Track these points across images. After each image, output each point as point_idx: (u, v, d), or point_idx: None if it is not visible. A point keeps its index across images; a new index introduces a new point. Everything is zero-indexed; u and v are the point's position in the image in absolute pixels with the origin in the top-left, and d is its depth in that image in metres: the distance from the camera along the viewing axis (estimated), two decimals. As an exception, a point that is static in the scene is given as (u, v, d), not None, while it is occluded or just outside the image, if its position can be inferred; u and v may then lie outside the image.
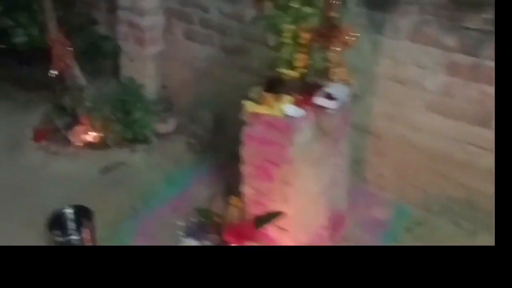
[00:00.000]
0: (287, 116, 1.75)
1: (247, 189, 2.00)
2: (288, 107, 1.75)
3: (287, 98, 1.78)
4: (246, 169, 1.97)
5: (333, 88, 1.84)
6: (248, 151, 1.91)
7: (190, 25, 2.70)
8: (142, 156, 2.64)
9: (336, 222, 2.11)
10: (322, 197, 1.97)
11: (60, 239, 1.98)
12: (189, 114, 2.85)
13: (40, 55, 2.56)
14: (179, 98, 2.88)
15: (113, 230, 2.13)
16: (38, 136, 2.71)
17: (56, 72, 2.58)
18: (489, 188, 2.01)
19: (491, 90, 1.85)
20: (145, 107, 2.59)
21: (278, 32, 1.69)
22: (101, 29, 2.94)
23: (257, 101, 1.80)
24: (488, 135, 1.93)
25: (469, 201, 2.12)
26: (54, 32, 2.41)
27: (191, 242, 2.04)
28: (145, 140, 2.67)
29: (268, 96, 1.77)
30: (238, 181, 2.25)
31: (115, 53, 2.89)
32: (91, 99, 2.62)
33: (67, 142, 2.67)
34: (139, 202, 2.32)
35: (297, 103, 1.76)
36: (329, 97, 1.81)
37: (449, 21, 1.84)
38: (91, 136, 2.66)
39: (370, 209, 2.29)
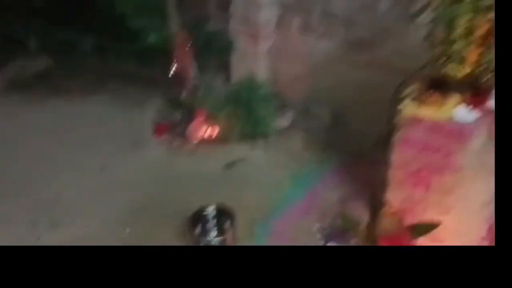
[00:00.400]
0: (456, 119, 1.61)
1: (393, 196, 1.89)
2: (459, 109, 1.61)
3: (456, 98, 1.63)
4: (395, 175, 1.86)
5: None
6: (401, 156, 1.79)
7: (307, 18, 2.60)
8: (261, 152, 2.60)
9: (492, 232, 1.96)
10: (486, 208, 1.82)
11: (203, 239, 1.98)
12: (304, 109, 2.78)
13: (158, 54, 2.58)
14: (292, 93, 2.81)
15: (249, 232, 2.12)
16: (159, 131, 2.75)
17: (175, 70, 2.59)
18: None
19: None
20: (269, 105, 2.55)
21: (451, 24, 1.55)
22: (213, 26, 2.91)
23: (419, 101, 1.67)
24: None
25: None
26: (179, 32, 2.41)
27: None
28: (264, 136, 2.63)
29: (435, 96, 1.64)
30: (369, 184, 2.20)
31: (228, 50, 2.85)
32: (212, 96, 2.62)
33: (186, 137, 2.68)
34: (268, 201, 2.29)
35: (468, 105, 1.62)
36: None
37: None
38: (210, 131, 2.65)
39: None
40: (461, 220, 1.78)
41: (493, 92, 1.61)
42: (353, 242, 1.95)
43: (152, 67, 2.72)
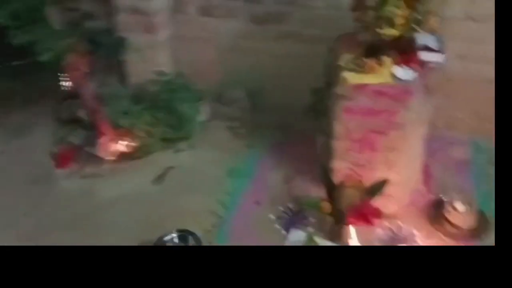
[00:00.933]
0: (397, 80, 1.63)
1: (340, 164, 1.90)
2: (397, 70, 1.63)
3: (390, 60, 1.65)
4: (340, 144, 1.86)
5: (427, 39, 1.73)
6: (346, 125, 1.80)
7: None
8: (190, 154, 2.41)
9: (425, 175, 2.09)
10: (419, 158, 1.92)
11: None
12: (221, 96, 2.63)
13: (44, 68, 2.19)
14: (204, 81, 2.63)
15: (209, 237, 1.96)
16: (61, 161, 2.37)
17: (69, 83, 2.23)
18: None
19: None
20: (191, 100, 2.33)
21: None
22: (98, 24, 2.55)
23: (358, 70, 1.66)
24: None
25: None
26: (68, 40, 2.05)
27: (297, 233, 1.93)
28: (186, 136, 2.42)
29: (371, 62, 1.63)
30: (308, 158, 2.18)
31: (119, 47, 2.54)
32: (117, 104, 2.31)
33: (96, 159, 2.35)
34: (215, 202, 2.13)
35: (403, 64, 1.64)
36: (428, 49, 1.71)
37: None
38: (122, 145, 2.36)
39: (450, 152, 2.29)
40: (402, 173, 1.89)
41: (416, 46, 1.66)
42: (313, 223, 1.92)
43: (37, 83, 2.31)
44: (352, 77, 1.65)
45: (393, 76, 1.63)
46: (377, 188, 1.84)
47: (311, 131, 2.28)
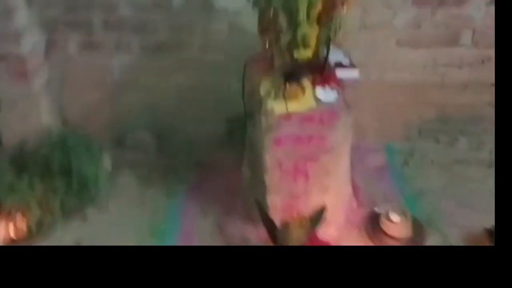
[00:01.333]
0: (321, 103, 1.56)
1: (275, 198, 1.78)
2: (319, 93, 1.56)
3: (309, 83, 1.58)
4: (272, 178, 1.74)
5: (337, 55, 1.70)
6: (276, 157, 1.68)
7: (88, 33, 2.11)
8: (99, 220, 2.02)
9: (353, 190, 2.08)
10: (347, 175, 1.89)
11: None
12: (122, 141, 2.33)
13: None
14: (99, 128, 2.30)
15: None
16: None
17: None
18: (460, 98, 2.24)
19: (455, 10, 1.97)
20: (90, 152, 1.98)
21: (291, 11, 1.44)
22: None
23: (281, 98, 1.55)
24: (455, 52, 2.09)
25: (442, 117, 2.32)
26: None
27: None
28: (92, 200, 2.04)
29: (294, 88, 1.54)
30: (235, 196, 2.01)
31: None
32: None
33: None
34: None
35: (323, 85, 1.58)
36: (341, 66, 1.68)
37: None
38: (13, 229, 1.90)
39: (367, 161, 2.31)
40: (337, 195, 1.84)
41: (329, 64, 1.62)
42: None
43: None
44: (277, 107, 1.54)
45: (317, 99, 1.56)
46: (319, 217, 1.74)
47: (230, 165, 2.14)
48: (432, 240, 1.90)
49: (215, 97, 2.17)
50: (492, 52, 2.09)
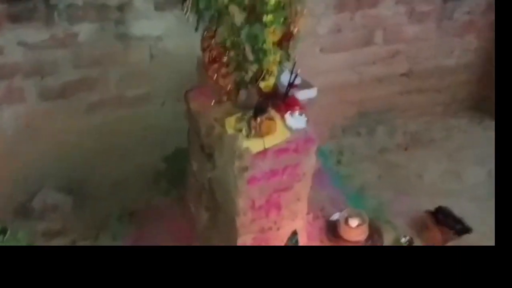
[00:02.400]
0: (294, 131, 1.49)
1: (246, 238, 1.68)
2: (290, 121, 1.49)
3: (275, 113, 1.49)
4: (244, 219, 1.63)
5: (287, 76, 1.64)
6: (250, 197, 1.57)
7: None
8: None
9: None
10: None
11: None
12: (28, 208, 1.90)
13: None
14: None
15: None
16: None
17: None
18: (375, 92, 2.39)
19: (371, 12, 2.08)
20: None
21: (258, 42, 1.32)
22: None
23: (254, 134, 1.43)
24: (371, 50, 2.23)
25: (361, 112, 2.46)
26: None
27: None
28: None
29: (266, 122, 1.43)
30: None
31: None
32: None
33: None
34: None
35: (290, 112, 1.51)
36: (296, 86, 1.62)
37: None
38: None
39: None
40: (303, 216, 1.81)
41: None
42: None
43: None
44: (254, 145, 1.42)
45: (289, 128, 1.48)
46: (293, 243, 1.70)
47: (173, 208, 1.94)
48: (387, 235, 2.02)
49: (139, 136, 1.92)
50: (400, 46, 2.28)
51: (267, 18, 1.30)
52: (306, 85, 1.67)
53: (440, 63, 2.43)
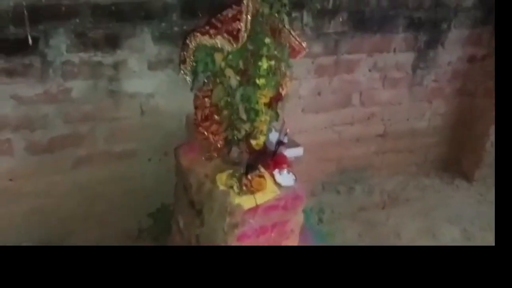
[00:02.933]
0: (284, 188, 1.54)
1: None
2: (279, 178, 1.55)
3: (265, 171, 1.55)
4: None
5: (275, 135, 1.72)
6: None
7: None
8: None
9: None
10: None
11: None
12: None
13: None
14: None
15: None
16: None
17: None
18: (353, 151, 2.50)
19: (348, 77, 2.23)
20: None
21: (251, 102, 1.41)
22: None
23: (246, 191, 1.48)
24: (349, 112, 2.37)
25: (340, 169, 2.56)
26: None
27: None
28: None
29: (257, 179, 1.49)
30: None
31: None
32: None
33: None
34: None
35: (279, 170, 1.57)
36: (283, 144, 1.70)
37: (314, 31, 2.01)
38: None
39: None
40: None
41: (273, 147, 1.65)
42: None
43: None
44: (245, 202, 1.46)
45: (278, 185, 1.54)
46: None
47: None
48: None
49: (124, 191, 1.92)
50: (375, 109, 2.43)
51: (260, 81, 1.40)
52: (293, 144, 1.76)
53: (413, 126, 2.60)
